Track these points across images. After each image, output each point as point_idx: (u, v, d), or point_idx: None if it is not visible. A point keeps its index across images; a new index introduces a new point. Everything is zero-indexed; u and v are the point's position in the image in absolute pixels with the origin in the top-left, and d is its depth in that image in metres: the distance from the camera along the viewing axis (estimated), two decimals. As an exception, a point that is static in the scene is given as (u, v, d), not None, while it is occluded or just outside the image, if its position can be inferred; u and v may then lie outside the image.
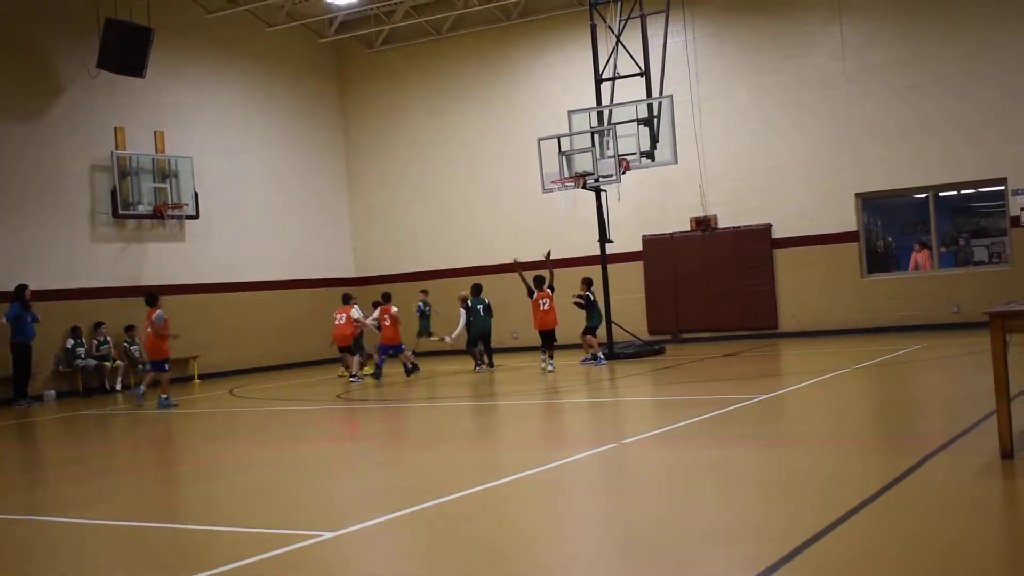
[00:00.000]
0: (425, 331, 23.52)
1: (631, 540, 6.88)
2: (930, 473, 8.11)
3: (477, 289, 22.15)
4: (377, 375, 21.20)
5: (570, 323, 21.88)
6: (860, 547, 6.24)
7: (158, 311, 18.19)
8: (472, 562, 6.61)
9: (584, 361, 21.17)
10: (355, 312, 21.83)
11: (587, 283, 21.45)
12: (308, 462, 11.52)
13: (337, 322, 21.78)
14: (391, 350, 21.44)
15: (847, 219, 24.53)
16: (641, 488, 8.85)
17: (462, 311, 21.92)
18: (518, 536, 7.24)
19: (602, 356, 21.00)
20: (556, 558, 6.63)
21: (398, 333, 21.30)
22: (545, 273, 20.61)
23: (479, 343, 21.78)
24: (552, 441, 12.22)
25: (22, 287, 21.07)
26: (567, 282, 22.07)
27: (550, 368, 19.77)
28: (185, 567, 6.88)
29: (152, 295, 18.76)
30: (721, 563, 6.14)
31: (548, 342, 20.17)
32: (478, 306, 21.77)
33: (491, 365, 21.81)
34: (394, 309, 21.46)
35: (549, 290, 20.41)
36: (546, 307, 20.30)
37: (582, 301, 21.31)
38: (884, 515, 6.94)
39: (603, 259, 22.55)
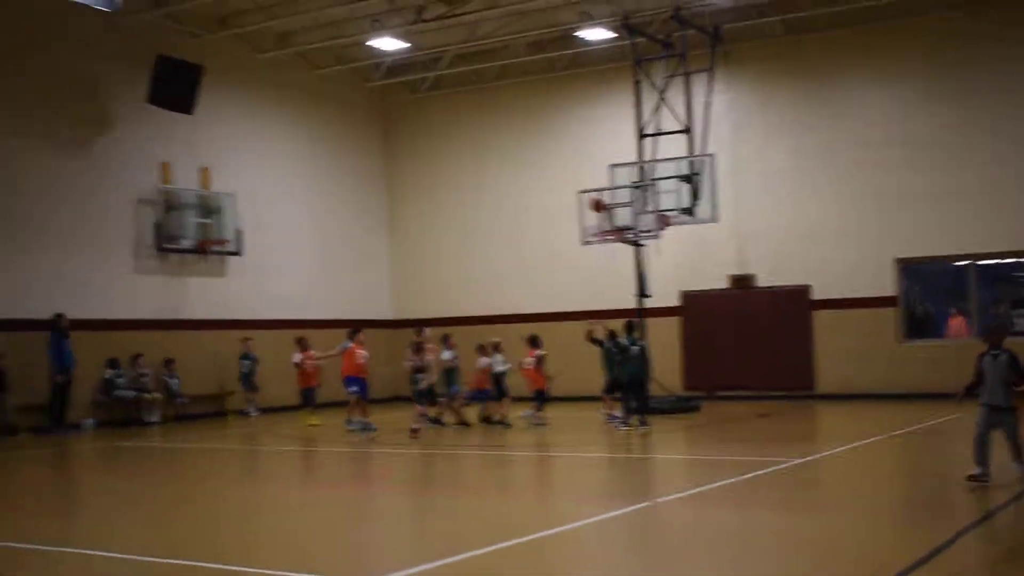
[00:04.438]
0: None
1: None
2: (960, 553, 8.05)
3: (631, 327, 19.58)
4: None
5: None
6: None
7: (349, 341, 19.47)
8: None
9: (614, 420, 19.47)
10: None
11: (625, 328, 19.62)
12: (339, 507, 11.58)
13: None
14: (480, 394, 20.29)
15: (886, 283, 24.44)
16: (674, 549, 8.85)
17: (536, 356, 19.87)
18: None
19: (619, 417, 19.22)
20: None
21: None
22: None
23: (629, 391, 19.05)
24: (585, 497, 12.21)
25: (58, 316, 21.35)
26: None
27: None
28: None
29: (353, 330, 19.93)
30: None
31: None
32: (632, 346, 19.16)
33: (643, 423, 18.52)
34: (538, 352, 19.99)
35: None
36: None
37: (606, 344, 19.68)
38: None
39: (640, 313, 22.54)
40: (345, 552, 8.98)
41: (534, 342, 20.22)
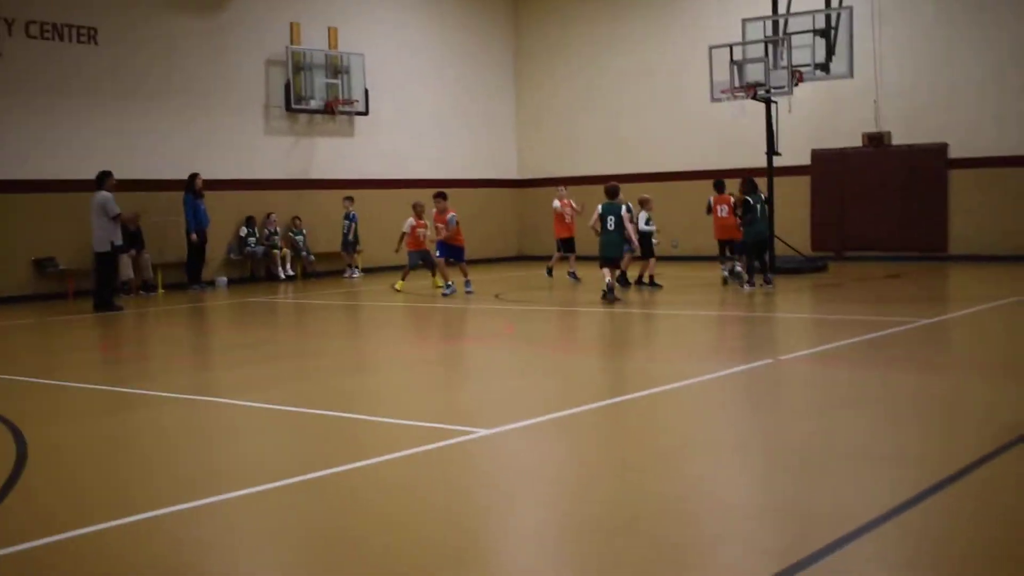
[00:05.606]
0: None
1: (778, 456, 6.91)
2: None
3: (753, 186, 18.88)
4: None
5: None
6: (1015, 480, 6.14)
7: (451, 213, 19.11)
8: (615, 469, 6.74)
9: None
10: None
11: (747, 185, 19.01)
12: (465, 360, 11.81)
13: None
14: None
15: (1029, 141, 23.47)
16: (793, 405, 8.84)
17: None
18: (661, 445, 7.34)
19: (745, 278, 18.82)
20: (700, 468, 6.72)
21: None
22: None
23: (753, 250, 18.62)
24: (707, 354, 12.23)
25: (193, 176, 21.89)
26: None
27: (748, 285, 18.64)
28: (345, 454, 7.20)
29: (441, 193, 19.67)
30: (870, 484, 6.12)
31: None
32: (757, 204, 18.55)
33: (767, 281, 18.55)
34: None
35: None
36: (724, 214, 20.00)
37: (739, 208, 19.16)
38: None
39: (770, 172, 22.12)
40: (465, 406, 9.19)
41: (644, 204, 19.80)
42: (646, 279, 19.40)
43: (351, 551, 5.25)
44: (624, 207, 17.14)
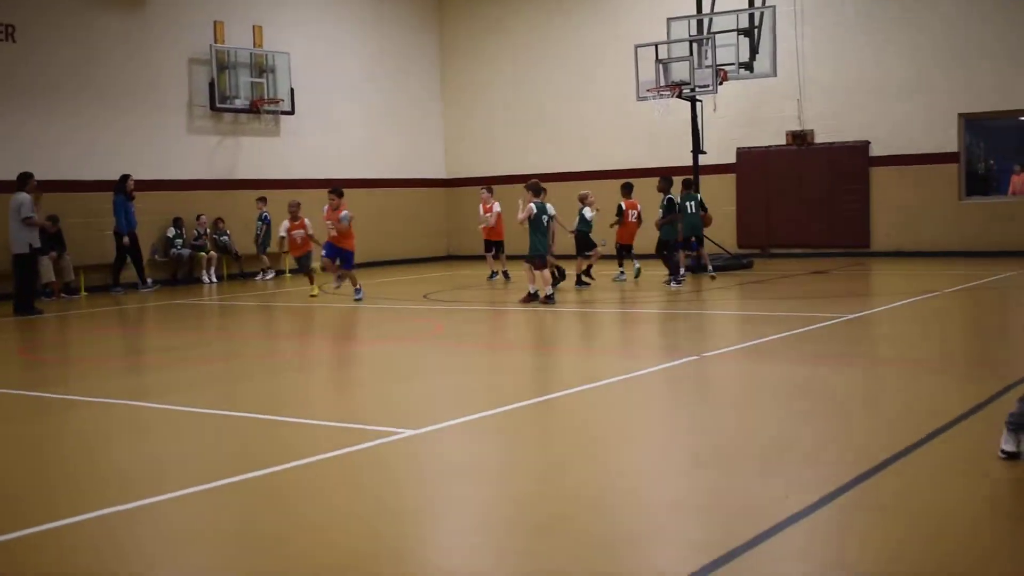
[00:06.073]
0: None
1: (703, 451, 6.95)
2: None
3: (688, 184, 20.00)
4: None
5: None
6: (932, 473, 6.23)
7: (344, 211, 17.85)
8: (540, 466, 6.74)
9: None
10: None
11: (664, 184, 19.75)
12: (395, 361, 11.74)
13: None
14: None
15: (948, 140, 23.88)
16: (717, 401, 8.90)
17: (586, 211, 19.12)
18: (586, 443, 7.35)
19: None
20: (624, 464, 6.74)
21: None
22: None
23: (687, 246, 19.61)
24: (632, 351, 12.29)
25: (124, 177, 21.53)
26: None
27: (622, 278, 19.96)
28: (268, 457, 7.11)
29: (336, 189, 18.47)
30: (795, 479, 6.18)
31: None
32: (688, 203, 19.61)
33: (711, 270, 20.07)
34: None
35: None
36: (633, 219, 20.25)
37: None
38: (961, 441, 6.92)
39: (695, 170, 22.32)
40: (390, 406, 9.13)
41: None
42: (585, 277, 19.25)
43: (271, 553, 5.19)
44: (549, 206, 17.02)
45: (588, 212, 19.21)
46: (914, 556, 4.85)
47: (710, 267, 20.27)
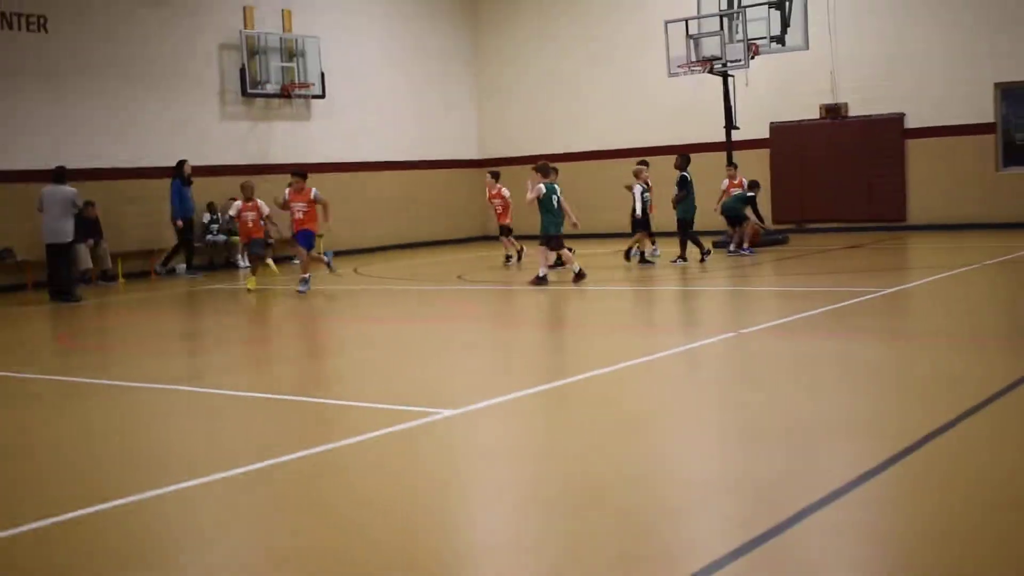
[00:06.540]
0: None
1: (743, 427, 6.93)
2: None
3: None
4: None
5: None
6: (971, 449, 6.19)
7: (314, 189, 17.28)
8: (580, 445, 6.74)
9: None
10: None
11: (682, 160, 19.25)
12: (429, 341, 11.77)
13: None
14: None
15: (984, 110, 23.61)
16: (756, 377, 8.87)
17: (638, 188, 18.82)
18: (625, 420, 7.34)
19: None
20: (664, 441, 6.74)
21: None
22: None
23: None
24: (669, 329, 12.26)
25: (181, 163, 21.81)
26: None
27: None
28: (310, 439, 7.16)
29: (298, 171, 17.77)
30: (832, 455, 6.16)
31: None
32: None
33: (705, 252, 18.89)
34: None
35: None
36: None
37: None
38: (1000, 418, 6.86)
39: (728, 146, 22.19)
40: (426, 386, 9.16)
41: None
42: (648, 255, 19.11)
43: (335, 527, 5.23)
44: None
45: (639, 188, 18.85)
46: (969, 527, 4.82)
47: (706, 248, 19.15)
